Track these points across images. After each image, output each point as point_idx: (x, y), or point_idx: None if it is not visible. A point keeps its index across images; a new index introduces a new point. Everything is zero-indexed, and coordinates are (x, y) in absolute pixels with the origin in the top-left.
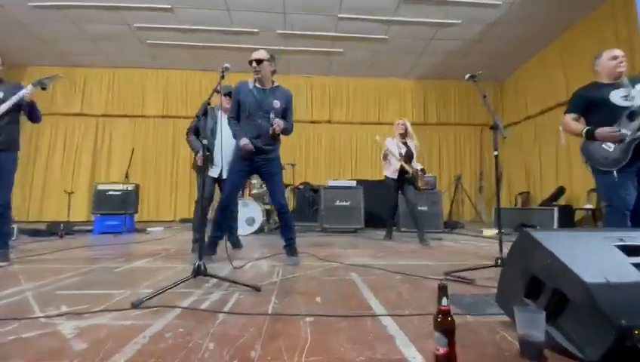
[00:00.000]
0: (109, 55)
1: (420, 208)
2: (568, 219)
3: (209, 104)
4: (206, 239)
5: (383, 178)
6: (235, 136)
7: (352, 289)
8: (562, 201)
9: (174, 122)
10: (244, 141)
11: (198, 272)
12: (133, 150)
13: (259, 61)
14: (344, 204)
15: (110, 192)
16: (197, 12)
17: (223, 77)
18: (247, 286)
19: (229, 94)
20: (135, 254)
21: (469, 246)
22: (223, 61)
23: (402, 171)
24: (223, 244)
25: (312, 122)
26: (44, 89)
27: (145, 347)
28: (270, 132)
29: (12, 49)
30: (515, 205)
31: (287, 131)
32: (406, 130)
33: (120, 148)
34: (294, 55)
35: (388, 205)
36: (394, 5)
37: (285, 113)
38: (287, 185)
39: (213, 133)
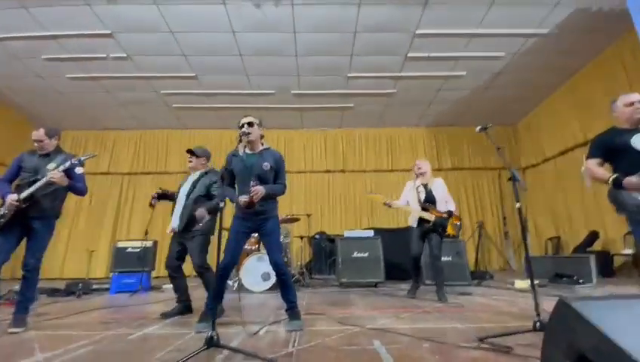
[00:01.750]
0: (137, 118)
1: (444, 259)
2: (607, 267)
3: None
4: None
5: (401, 225)
6: (230, 199)
7: None
8: (598, 246)
9: None
10: (243, 197)
11: (211, 343)
12: (153, 206)
13: (250, 124)
14: (362, 255)
15: (129, 249)
16: (219, 78)
17: (240, 141)
18: (262, 359)
19: (189, 151)
20: (148, 318)
21: (501, 302)
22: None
23: (422, 219)
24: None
25: (327, 171)
26: (82, 165)
27: None
28: (247, 200)
29: (50, 116)
30: (546, 252)
31: (276, 193)
32: (424, 172)
33: (142, 204)
34: (308, 112)
35: (410, 256)
36: (400, 63)
37: (276, 174)
38: (302, 237)
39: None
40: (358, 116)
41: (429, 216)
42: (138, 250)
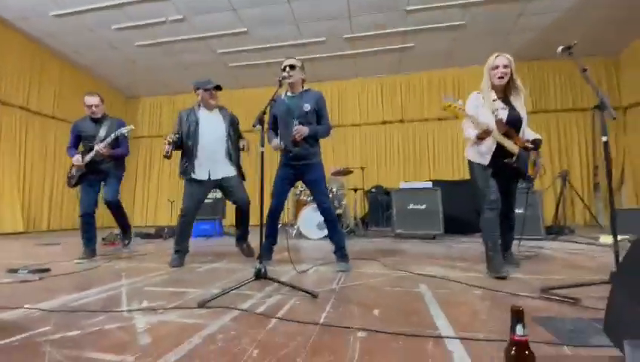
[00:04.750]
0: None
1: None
2: None
3: (264, 113)
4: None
5: (466, 177)
6: (268, 142)
7: (417, 304)
8: None
9: (256, 135)
10: (274, 142)
11: (259, 275)
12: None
13: (292, 67)
14: (419, 207)
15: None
16: (269, 30)
17: (280, 85)
18: (305, 291)
19: (217, 87)
20: (218, 256)
21: (578, 256)
22: None
23: (501, 152)
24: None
25: (384, 123)
26: (126, 138)
27: (196, 347)
28: (291, 139)
29: (127, 84)
30: None
31: (319, 134)
32: (509, 74)
33: None
34: (362, 58)
35: (485, 204)
36: None
37: (318, 115)
38: (356, 190)
39: (191, 135)
40: (419, 57)
41: (513, 148)
42: (211, 201)
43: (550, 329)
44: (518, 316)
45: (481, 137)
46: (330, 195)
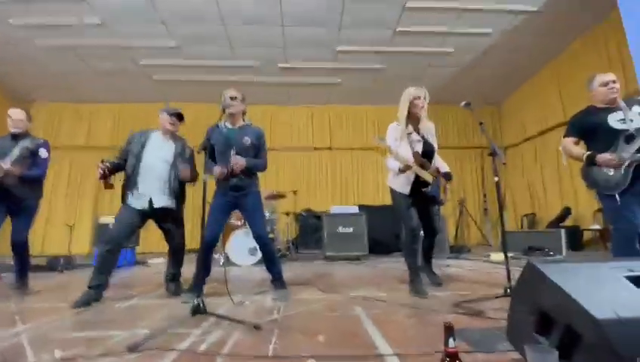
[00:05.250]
0: (116, 90)
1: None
2: (576, 241)
3: (208, 139)
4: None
5: (386, 203)
6: (206, 171)
7: (356, 326)
8: (569, 222)
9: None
10: (217, 169)
11: (197, 311)
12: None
13: (232, 97)
14: (347, 230)
15: (112, 225)
16: (201, 49)
17: (223, 113)
18: (246, 324)
19: (175, 115)
20: (136, 290)
21: (476, 273)
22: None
23: (418, 181)
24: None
25: (315, 149)
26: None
27: None
28: (223, 170)
29: (22, 86)
30: (522, 227)
31: (256, 168)
32: (423, 112)
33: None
34: (294, 87)
35: (407, 230)
36: (389, 37)
37: (257, 150)
38: (288, 213)
39: (135, 156)
40: (345, 92)
41: (428, 178)
42: None
43: (464, 339)
44: (449, 331)
45: (403, 171)
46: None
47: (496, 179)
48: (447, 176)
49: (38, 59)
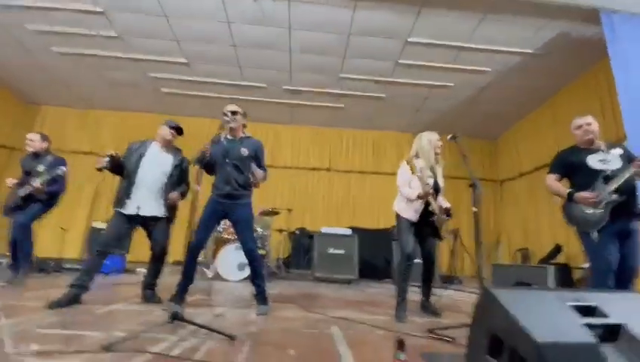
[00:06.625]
0: (123, 100)
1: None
2: (567, 279)
3: (203, 153)
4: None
5: (380, 227)
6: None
7: (328, 344)
8: (561, 259)
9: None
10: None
11: (175, 317)
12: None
13: (234, 112)
14: (338, 252)
15: (104, 231)
16: (211, 67)
17: (222, 128)
18: (221, 334)
19: (175, 128)
20: (119, 296)
21: (462, 302)
22: None
23: (424, 212)
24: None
25: (313, 169)
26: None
27: None
28: (252, 180)
29: (31, 89)
30: (515, 262)
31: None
32: (440, 151)
33: None
34: (298, 108)
35: (402, 256)
36: (391, 68)
37: (256, 162)
38: (281, 230)
39: (133, 165)
40: (347, 117)
41: (435, 208)
42: None
43: None
44: (400, 346)
45: (422, 196)
46: (255, 235)
47: (474, 209)
48: (448, 212)
49: (50, 65)
